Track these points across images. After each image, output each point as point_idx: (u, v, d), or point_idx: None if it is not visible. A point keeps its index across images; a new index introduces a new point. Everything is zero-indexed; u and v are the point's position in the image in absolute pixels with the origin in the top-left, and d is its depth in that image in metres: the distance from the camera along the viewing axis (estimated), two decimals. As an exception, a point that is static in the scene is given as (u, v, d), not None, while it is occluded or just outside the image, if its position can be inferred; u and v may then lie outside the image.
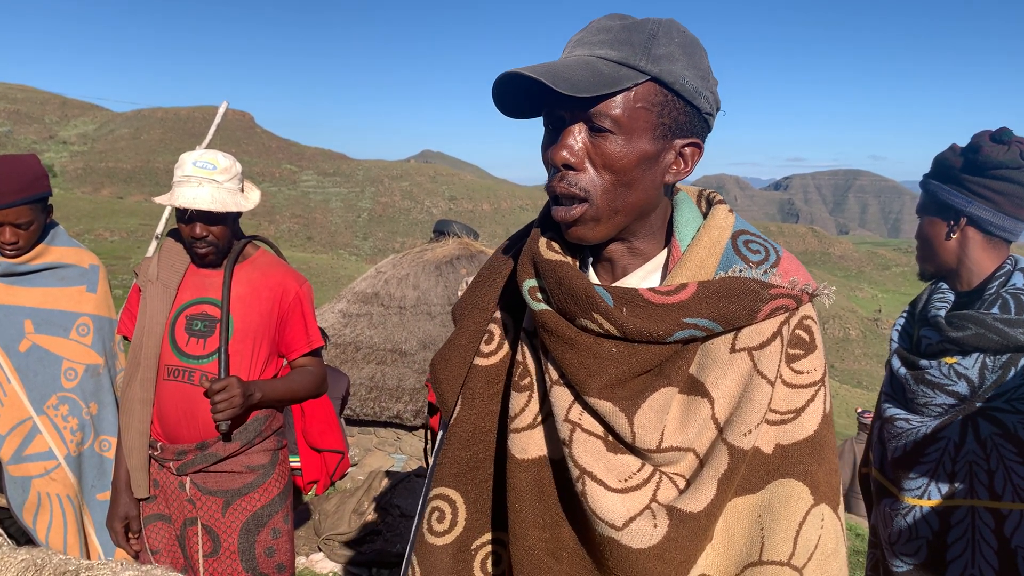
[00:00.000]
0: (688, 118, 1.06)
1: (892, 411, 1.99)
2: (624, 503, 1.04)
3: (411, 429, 8.57)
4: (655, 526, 1.03)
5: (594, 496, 1.04)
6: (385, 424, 8.66)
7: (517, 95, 1.07)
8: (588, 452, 1.07)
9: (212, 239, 2.39)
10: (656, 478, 1.07)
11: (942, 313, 1.91)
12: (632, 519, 1.03)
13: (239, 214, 2.47)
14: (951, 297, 1.99)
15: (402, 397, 8.39)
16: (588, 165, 1.05)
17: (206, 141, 5.05)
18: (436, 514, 1.24)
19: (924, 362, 1.91)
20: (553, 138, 1.08)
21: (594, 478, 1.05)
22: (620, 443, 1.08)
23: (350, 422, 8.56)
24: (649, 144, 1.04)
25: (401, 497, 5.48)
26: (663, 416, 1.06)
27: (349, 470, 7.24)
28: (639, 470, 1.07)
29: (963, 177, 1.91)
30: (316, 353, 2.63)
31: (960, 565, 1.83)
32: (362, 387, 8.49)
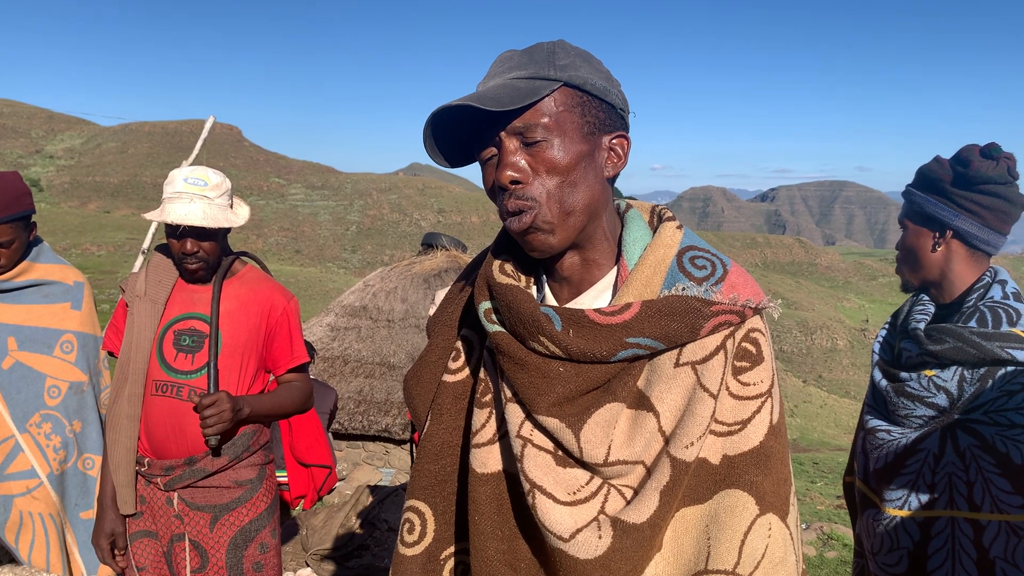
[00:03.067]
0: (607, 114, 1.13)
1: (874, 422, 2.00)
2: (572, 515, 1.08)
3: (400, 443, 8.54)
4: (600, 537, 1.06)
5: (543, 509, 1.08)
6: (373, 438, 8.63)
7: (448, 138, 1.13)
8: (538, 467, 1.10)
9: (203, 255, 2.40)
10: (605, 491, 1.11)
11: (922, 326, 1.92)
12: (579, 531, 1.07)
13: (228, 230, 2.48)
14: (931, 309, 2.00)
15: (390, 411, 8.37)
16: (532, 177, 1.10)
17: (193, 155, 5.04)
18: (407, 525, 1.28)
19: (904, 374, 1.92)
20: (491, 168, 1.13)
21: (544, 491, 1.09)
22: (569, 457, 1.12)
23: (338, 436, 8.52)
24: (582, 143, 1.10)
25: (389, 511, 5.46)
26: (609, 431, 1.10)
27: (337, 485, 7.21)
28: (587, 483, 1.11)
29: (951, 190, 1.92)
30: (302, 368, 2.64)
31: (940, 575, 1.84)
32: (350, 400, 8.46)
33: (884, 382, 1.98)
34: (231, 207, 2.48)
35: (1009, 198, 1.89)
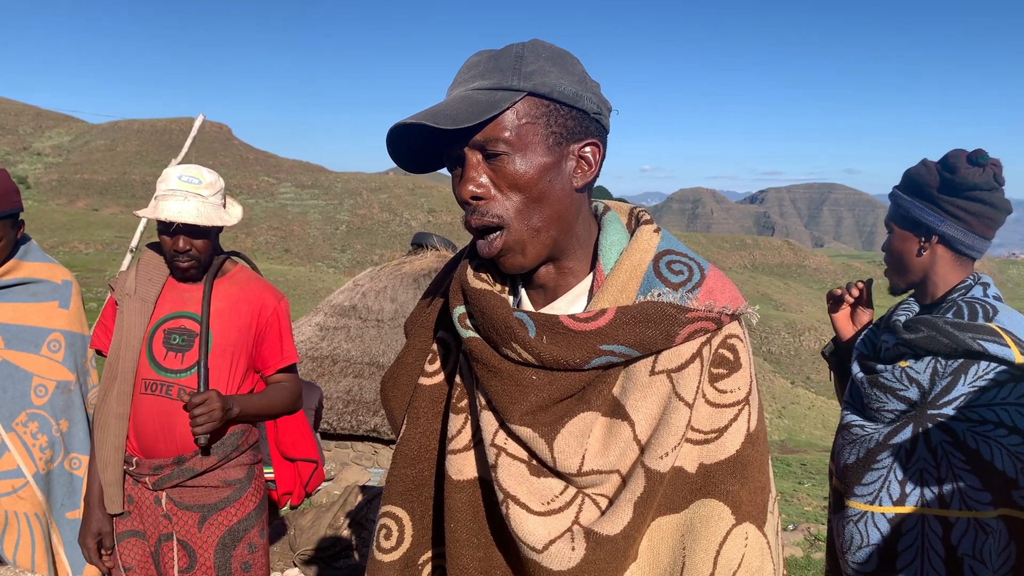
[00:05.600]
0: (577, 122, 1.08)
1: (849, 417, 2.02)
2: (546, 526, 1.07)
3: (388, 443, 8.53)
4: (573, 549, 1.05)
5: (517, 519, 1.07)
6: (362, 438, 8.62)
7: (415, 148, 1.10)
8: (512, 476, 1.09)
9: (195, 253, 2.39)
10: (579, 500, 1.09)
11: (902, 318, 1.96)
12: (552, 542, 1.06)
13: (221, 229, 2.47)
14: (915, 308, 2.04)
15: (379, 411, 8.36)
16: (495, 192, 1.07)
17: (182, 153, 5.02)
18: (384, 531, 1.26)
19: (880, 366, 1.95)
20: (458, 178, 1.10)
21: (517, 501, 1.07)
22: (544, 467, 1.10)
23: (327, 436, 8.51)
24: (545, 155, 1.06)
25: (377, 512, 5.46)
26: (583, 440, 1.08)
27: (325, 485, 7.20)
28: (562, 493, 1.09)
29: (937, 196, 1.94)
30: (292, 369, 2.63)
31: (909, 574, 1.84)
32: (339, 400, 8.45)
33: (860, 374, 2.01)
34: (224, 206, 2.48)
35: (994, 204, 1.91)
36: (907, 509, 1.85)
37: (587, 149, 1.10)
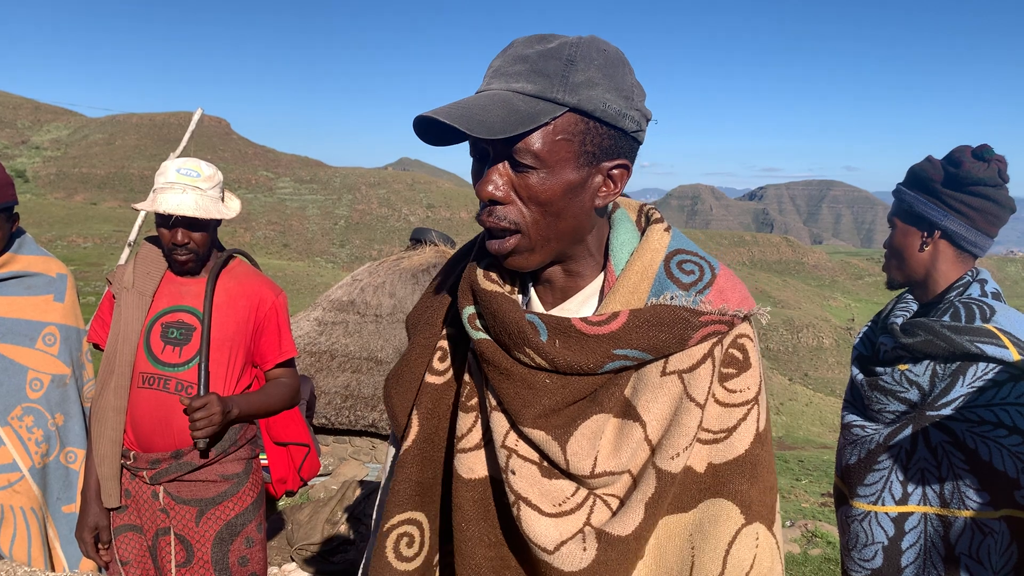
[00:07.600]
0: (613, 141, 1.04)
1: (849, 418, 2.03)
2: (557, 527, 1.06)
3: (386, 438, 8.53)
4: (584, 550, 1.04)
5: (528, 520, 1.06)
6: (360, 433, 8.61)
7: (440, 129, 1.03)
8: (524, 478, 1.08)
9: (193, 246, 2.39)
10: (591, 501, 1.09)
11: (899, 320, 1.95)
12: (563, 543, 1.05)
13: (219, 222, 2.46)
14: (913, 307, 2.03)
15: (377, 406, 8.35)
16: (515, 197, 1.04)
17: (181, 147, 5.01)
18: (405, 540, 1.22)
19: (879, 369, 1.95)
20: (479, 169, 1.06)
21: (529, 503, 1.06)
22: (555, 469, 1.09)
23: (325, 431, 8.51)
24: (573, 173, 1.02)
25: (374, 508, 5.45)
26: (596, 442, 1.07)
27: (323, 479, 7.19)
28: (573, 494, 1.08)
29: (941, 191, 1.93)
30: (290, 363, 2.62)
31: (913, 570, 1.85)
32: (337, 396, 8.44)
33: (860, 376, 2.01)
34: (222, 199, 2.47)
35: (998, 200, 1.90)
36: (910, 508, 1.85)
37: (615, 170, 1.07)
